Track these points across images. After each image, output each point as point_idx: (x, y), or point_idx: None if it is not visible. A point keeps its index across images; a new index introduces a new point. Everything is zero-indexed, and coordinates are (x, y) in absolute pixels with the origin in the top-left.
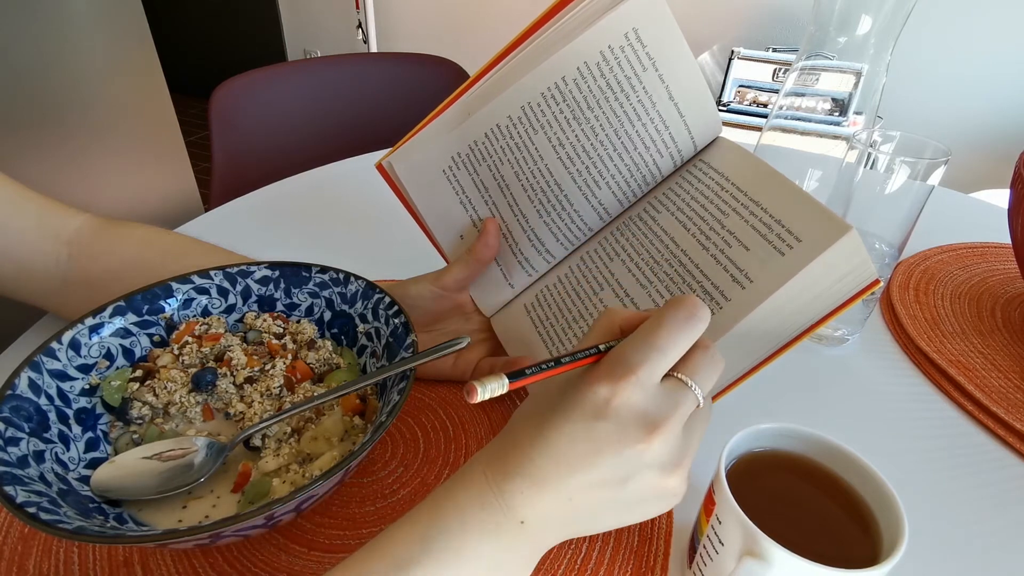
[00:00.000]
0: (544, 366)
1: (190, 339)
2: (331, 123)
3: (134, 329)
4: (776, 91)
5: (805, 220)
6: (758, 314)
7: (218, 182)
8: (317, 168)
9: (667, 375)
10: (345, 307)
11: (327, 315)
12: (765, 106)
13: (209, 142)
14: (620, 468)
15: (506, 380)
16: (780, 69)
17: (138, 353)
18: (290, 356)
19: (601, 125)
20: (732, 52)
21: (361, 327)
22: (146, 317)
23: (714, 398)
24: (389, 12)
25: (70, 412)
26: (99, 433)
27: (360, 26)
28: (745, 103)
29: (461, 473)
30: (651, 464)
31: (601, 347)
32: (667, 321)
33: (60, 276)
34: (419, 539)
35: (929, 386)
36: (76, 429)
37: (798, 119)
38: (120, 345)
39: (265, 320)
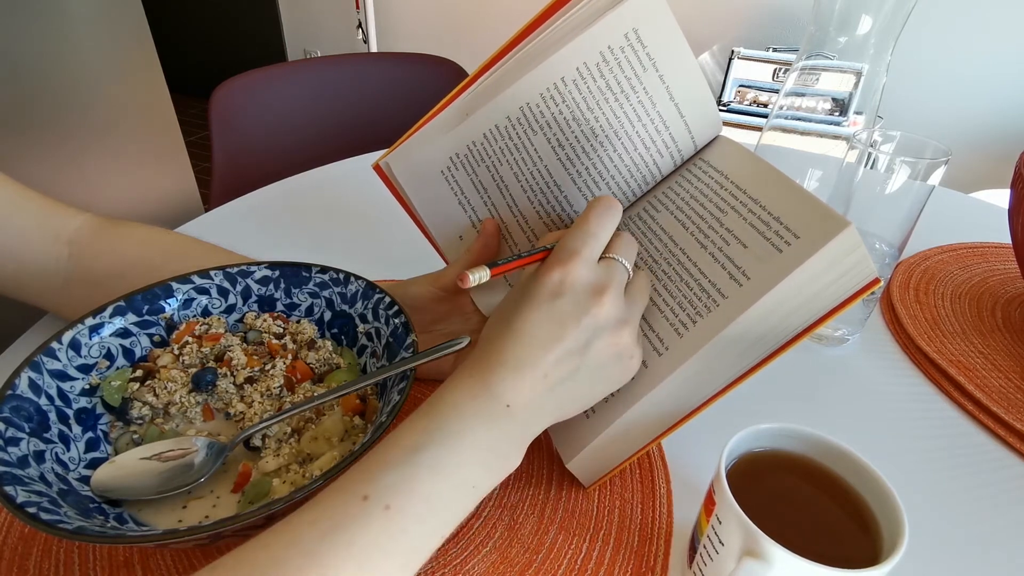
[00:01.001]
0: (512, 258)
1: (190, 339)
2: (331, 123)
3: (134, 329)
4: (776, 91)
5: (803, 216)
6: (755, 311)
7: (218, 182)
8: (317, 168)
9: (600, 257)
10: (345, 307)
11: (327, 315)
12: (765, 106)
13: (209, 142)
14: (582, 334)
15: (488, 269)
16: (780, 69)
17: (138, 353)
18: (290, 356)
19: (601, 126)
20: (732, 52)
21: (361, 327)
22: (146, 317)
23: (713, 399)
24: (389, 12)
25: (70, 412)
26: (99, 433)
27: (360, 26)
28: (745, 103)
29: (450, 380)
30: (604, 325)
31: (547, 246)
32: (592, 214)
33: (60, 276)
34: (423, 431)
35: (929, 386)
36: (76, 429)
37: (798, 119)
38: (120, 345)
39: (265, 320)
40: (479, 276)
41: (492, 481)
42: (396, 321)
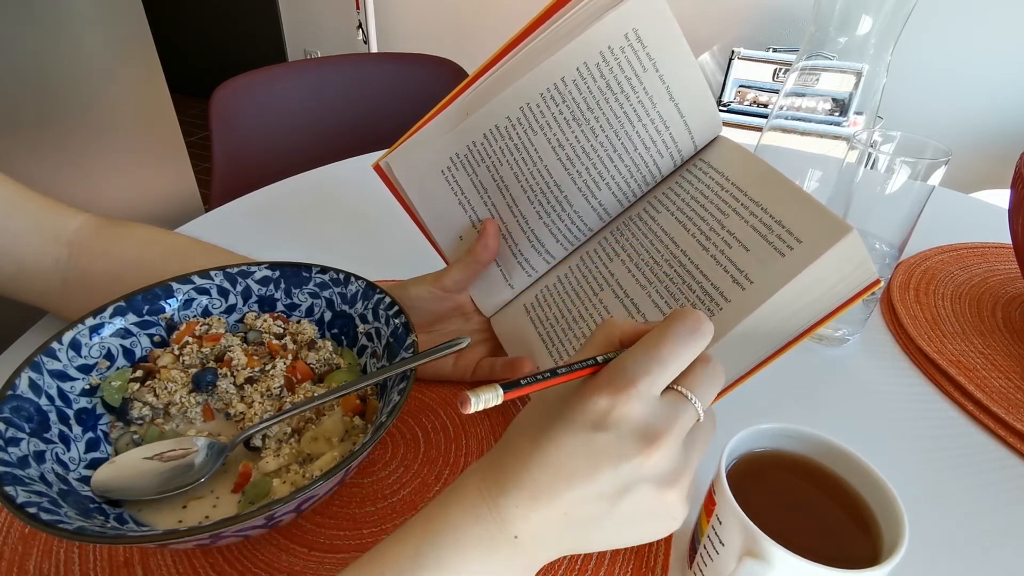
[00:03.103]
0: (540, 377)
1: (190, 339)
2: (331, 123)
3: (134, 329)
4: (776, 91)
5: (806, 221)
6: (758, 315)
7: (218, 182)
8: (317, 168)
9: (667, 388)
10: (345, 307)
11: (327, 315)
12: (765, 106)
13: (209, 142)
14: (618, 481)
15: (501, 391)
16: (780, 69)
17: (138, 353)
18: (290, 356)
19: (601, 126)
20: (732, 52)
21: (361, 327)
22: (146, 317)
23: (713, 400)
24: (389, 12)
25: (70, 412)
26: (99, 433)
27: (360, 26)
28: (745, 103)
29: (455, 487)
30: (649, 478)
31: (599, 359)
32: (670, 334)
33: (60, 276)
34: (412, 555)
35: (929, 386)
36: (76, 429)
37: (798, 119)
38: (120, 345)
39: (265, 320)
40: (485, 399)
41: None
42: (396, 321)
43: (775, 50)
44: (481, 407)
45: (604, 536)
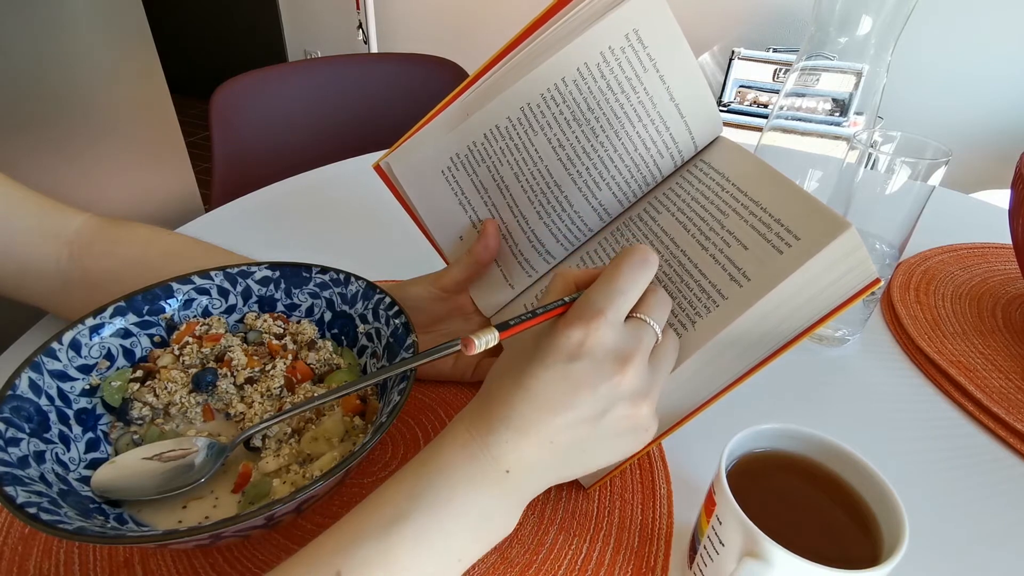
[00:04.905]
0: (524, 317)
1: (190, 339)
2: (331, 124)
3: (134, 329)
4: (776, 91)
5: (804, 218)
6: (755, 312)
7: (219, 183)
8: (318, 169)
9: (628, 316)
10: (345, 308)
11: (327, 315)
12: (765, 106)
13: (210, 143)
14: (597, 403)
15: (496, 332)
16: (780, 69)
17: (138, 353)
18: (290, 356)
19: (601, 126)
20: (732, 52)
21: (361, 327)
22: (146, 317)
23: (714, 399)
24: (389, 12)
25: (70, 412)
26: (99, 433)
27: (360, 26)
28: (745, 103)
29: (445, 433)
30: (624, 395)
31: (567, 299)
32: (624, 267)
33: (60, 276)
34: (407, 496)
35: (930, 386)
36: (76, 429)
37: (799, 119)
38: (120, 345)
39: (265, 320)
40: (486, 340)
41: (480, 551)
42: (396, 321)
43: (775, 50)
44: (483, 348)
45: (588, 457)
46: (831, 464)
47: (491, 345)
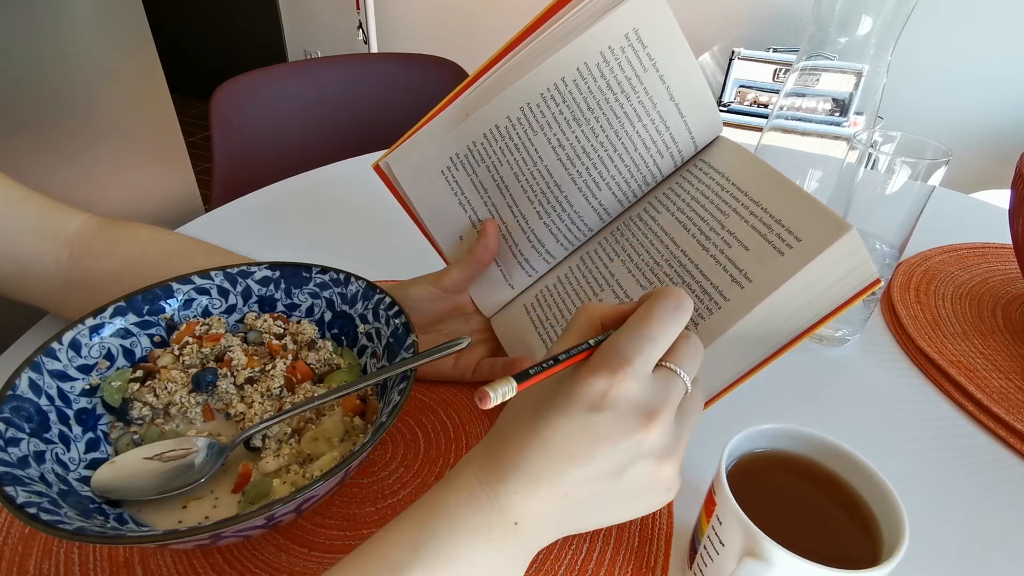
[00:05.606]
0: (545, 365)
1: (190, 339)
2: (331, 124)
3: (134, 329)
4: (776, 91)
5: (805, 220)
6: (757, 314)
7: (219, 183)
8: (318, 169)
9: (657, 365)
10: (346, 307)
11: (327, 315)
12: (765, 106)
13: (210, 143)
14: (617, 458)
15: (514, 383)
16: (780, 69)
17: (139, 353)
18: (290, 356)
19: (601, 126)
20: (732, 52)
21: (362, 327)
22: (147, 317)
23: (714, 399)
24: (389, 12)
25: (70, 412)
26: (99, 433)
27: (360, 26)
28: (745, 103)
29: (451, 476)
30: (647, 453)
31: (591, 342)
32: (656, 311)
33: (60, 276)
34: (410, 545)
35: (930, 386)
36: (76, 429)
37: (799, 119)
38: (120, 345)
39: (265, 320)
40: (503, 392)
41: None
42: (396, 321)
43: (775, 50)
44: (500, 400)
45: (603, 514)
46: (831, 464)
47: (508, 397)
